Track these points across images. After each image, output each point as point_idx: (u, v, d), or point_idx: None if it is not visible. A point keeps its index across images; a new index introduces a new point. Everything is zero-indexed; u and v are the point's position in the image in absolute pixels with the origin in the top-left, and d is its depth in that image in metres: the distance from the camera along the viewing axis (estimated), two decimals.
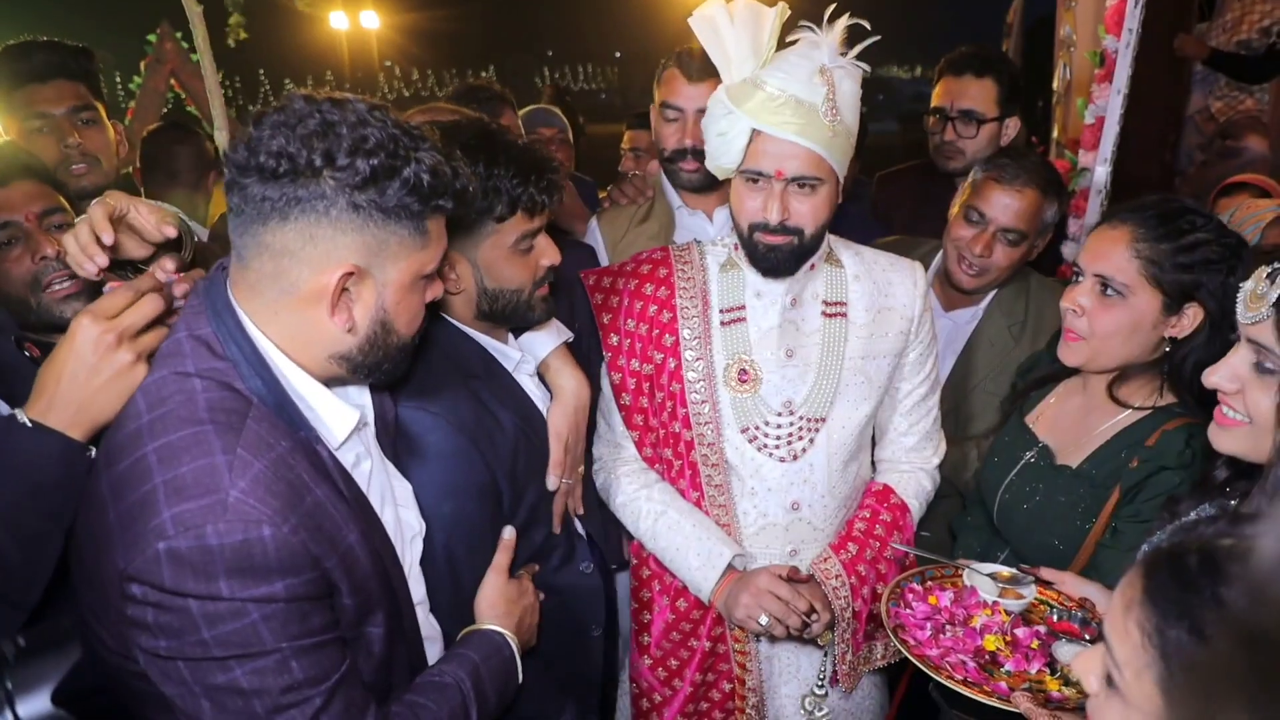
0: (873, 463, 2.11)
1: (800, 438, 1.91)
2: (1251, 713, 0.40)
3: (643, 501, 1.98)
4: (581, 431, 1.87)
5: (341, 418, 1.31)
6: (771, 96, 1.67)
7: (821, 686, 1.98)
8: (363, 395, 1.44)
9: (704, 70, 2.30)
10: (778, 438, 1.91)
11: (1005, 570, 1.73)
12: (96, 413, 1.26)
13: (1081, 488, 1.80)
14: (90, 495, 1.22)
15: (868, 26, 1.71)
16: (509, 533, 1.68)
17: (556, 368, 1.85)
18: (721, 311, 1.91)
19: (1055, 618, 1.65)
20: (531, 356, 1.82)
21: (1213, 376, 1.37)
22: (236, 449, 1.15)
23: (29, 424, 1.25)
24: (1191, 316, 1.70)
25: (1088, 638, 1.58)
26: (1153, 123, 4.34)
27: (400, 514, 1.46)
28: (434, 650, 1.53)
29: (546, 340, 1.84)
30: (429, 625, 1.53)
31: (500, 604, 1.61)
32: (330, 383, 1.31)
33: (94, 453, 1.26)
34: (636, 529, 2.00)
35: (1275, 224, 3.20)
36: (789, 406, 1.90)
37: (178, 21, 6.58)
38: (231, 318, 1.23)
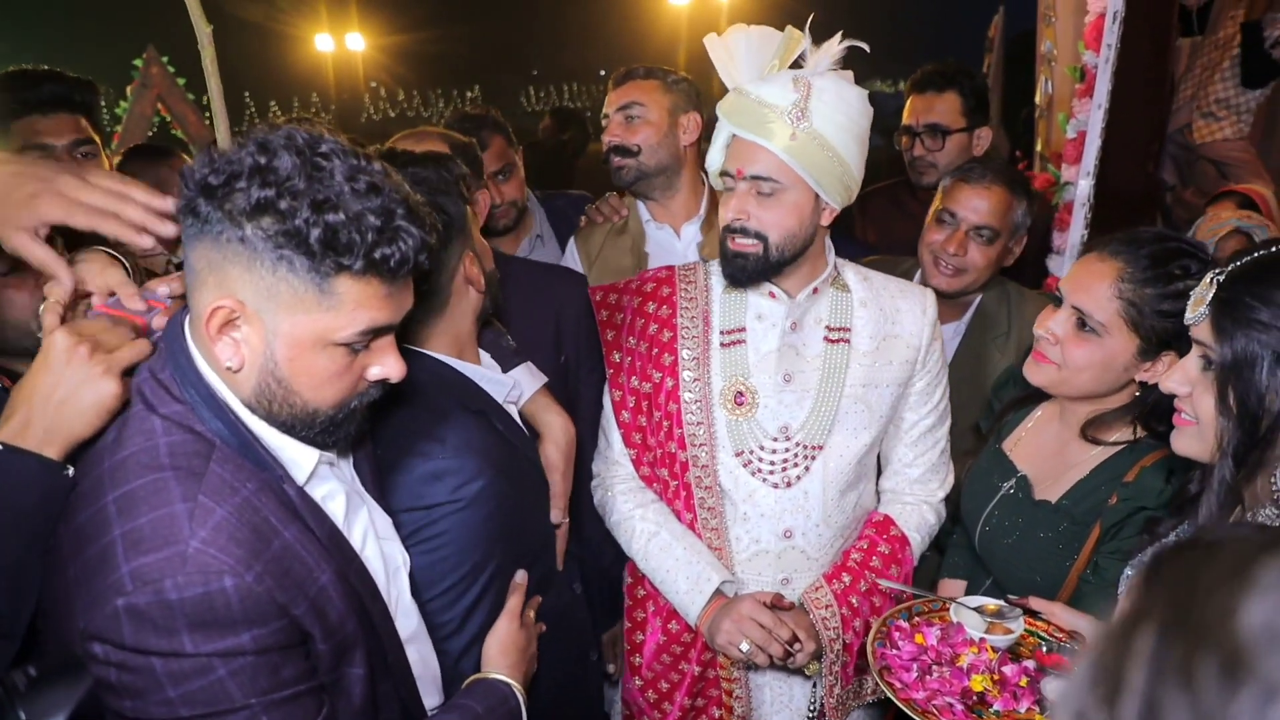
0: (878, 492, 2.08)
1: (796, 464, 1.88)
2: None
3: (637, 521, 1.97)
4: (572, 468, 1.86)
5: (302, 455, 1.26)
6: (746, 101, 1.71)
7: (812, 718, 1.95)
8: None
9: (627, 76, 2.61)
10: (772, 463, 1.88)
11: (992, 603, 1.70)
12: (70, 429, 1.19)
13: (1062, 524, 1.78)
14: (51, 548, 1.18)
15: (866, 48, 1.74)
16: (521, 575, 1.63)
17: (544, 405, 1.83)
18: (722, 333, 1.90)
19: (1045, 650, 1.63)
20: (519, 389, 1.80)
21: (1168, 381, 1.42)
22: (198, 496, 1.12)
23: (1, 447, 1.18)
24: (1167, 364, 1.67)
25: None
26: (1134, 136, 4.37)
27: (383, 547, 1.41)
28: (427, 688, 1.48)
29: (530, 380, 1.83)
30: (422, 664, 1.47)
31: (512, 652, 1.54)
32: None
33: (71, 471, 1.20)
34: (630, 548, 1.99)
35: (1229, 237, 3.25)
36: (785, 432, 1.88)
37: (163, 46, 6.59)
38: (186, 358, 1.20)
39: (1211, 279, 1.33)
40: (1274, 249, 1.30)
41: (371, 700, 1.30)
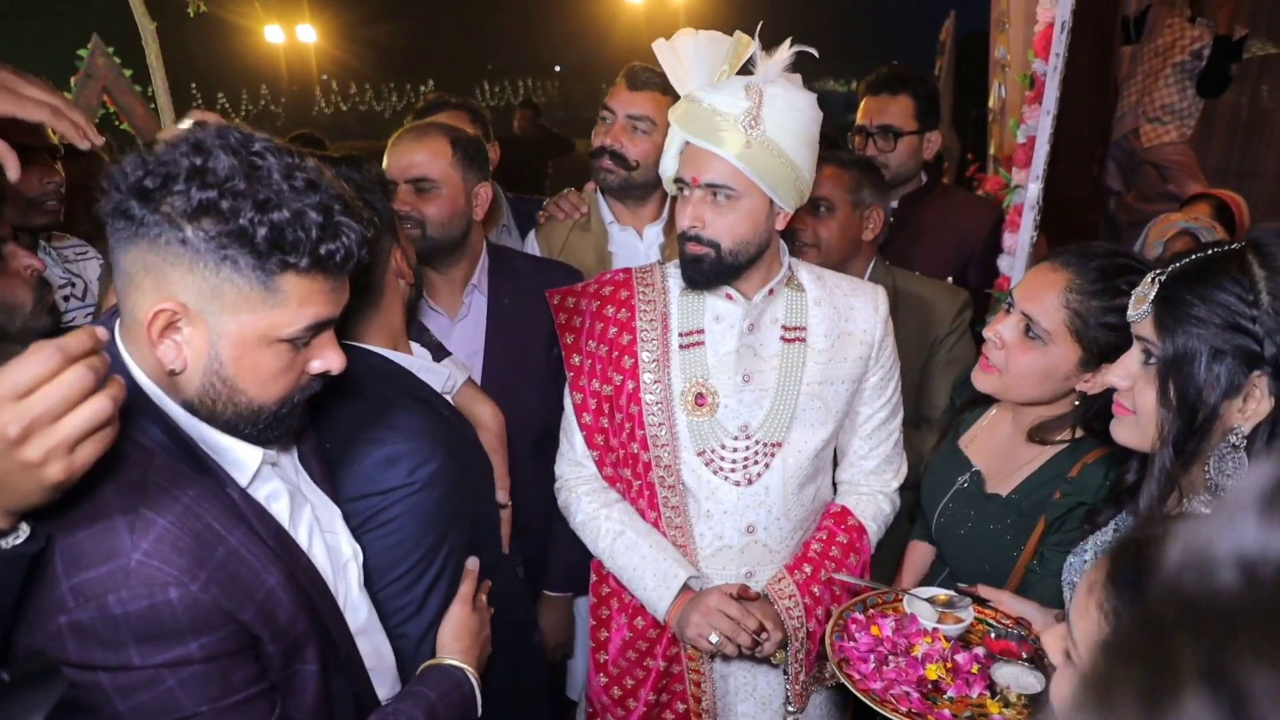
0: (834, 484, 2.13)
1: (756, 462, 1.92)
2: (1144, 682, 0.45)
3: (602, 520, 2.00)
4: (507, 452, 1.91)
5: (246, 455, 1.25)
6: (699, 109, 1.73)
7: (791, 707, 1.99)
8: None
9: (646, 83, 2.51)
10: (733, 462, 1.92)
11: (943, 593, 1.77)
12: (7, 506, 1.00)
13: (1010, 517, 1.85)
14: None
15: (815, 53, 1.77)
16: (473, 562, 1.65)
17: (471, 396, 1.88)
18: (681, 335, 1.93)
19: (993, 636, 1.70)
20: (454, 379, 1.84)
21: (1110, 376, 1.48)
22: (138, 508, 1.09)
23: None
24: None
25: (1025, 655, 1.63)
26: (1081, 141, 4.50)
27: (329, 541, 1.41)
28: (381, 679, 1.49)
29: (459, 372, 1.86)
30: (375, 655, 1.47)
31: (465, 637, 1.57)
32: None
33: (23, 535, 1.01)
34: (595, 547, 2.02)
35: (1177, 238, 3.37)
36: (745, 431, 1.92)
37: (109, 36, 6.42)
38: (119, 366, 1.17)
39: (1154, 278, 1.38)
40: (1212, 251, 1.35)
41: (325, 696, 1.30)
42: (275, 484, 1.32)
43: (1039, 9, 2.64)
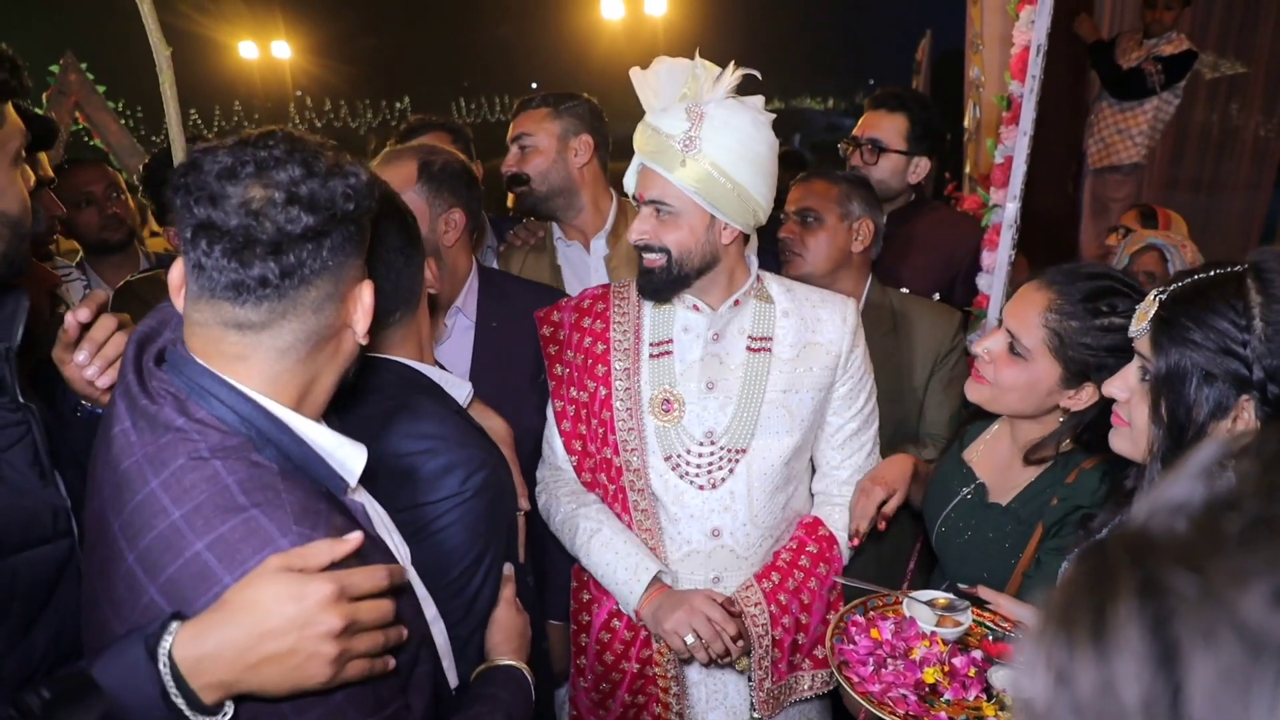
0: (812, 495, 2.16)
1: (721, 467, 1.98)
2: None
3: (579, 519, 2.06)
4: (518, 463, 1.92)
5: (353, 456, 1.25)
6: (647, 130, 1.85)
7: (756, 713, 2.03)
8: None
9: (520, 109, 2.76)
10: (698, 466, 1.99)
11: (943, 597, 1.80)
12: (242, 688, 1.02)
13: (1009, 525, 1.89)
14: (137, 607, 1.08)
15: (758, 75, 1.88)
16: (509, 567, 1.68)
17: (481, 410, 1.89)
18: (651, 345, 2.01)
19: (991, 639, 1.73)
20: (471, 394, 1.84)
21: (1110, 387, 1.51)
22: (292, 526, 1.08)
23: (167, 671, 0.98)
24: (1089, 394, 1.77)
25: None
26: (1056, 160, 4.59)
27: (394, 539, 1.42)
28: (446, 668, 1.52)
29: (470, 386, 1.87)
30: (443, 650, 1.50)
31: (515, 638, 1.62)
32: None
33: (227, 715, 1.03)
34: (573, 546, 2.07)
35: (1144, 252, 3.45)
36: (710, 436, 1.98)
37: (82, 52, 6.36)
38: (226, 389, 1.14)
39: (1155, 296, 1.41)
40: (1214, 272, 1.37)
41: (435, 692, 1.34)
42: (364, 493, 1.35)
43: (1015, 33, 2.68)
